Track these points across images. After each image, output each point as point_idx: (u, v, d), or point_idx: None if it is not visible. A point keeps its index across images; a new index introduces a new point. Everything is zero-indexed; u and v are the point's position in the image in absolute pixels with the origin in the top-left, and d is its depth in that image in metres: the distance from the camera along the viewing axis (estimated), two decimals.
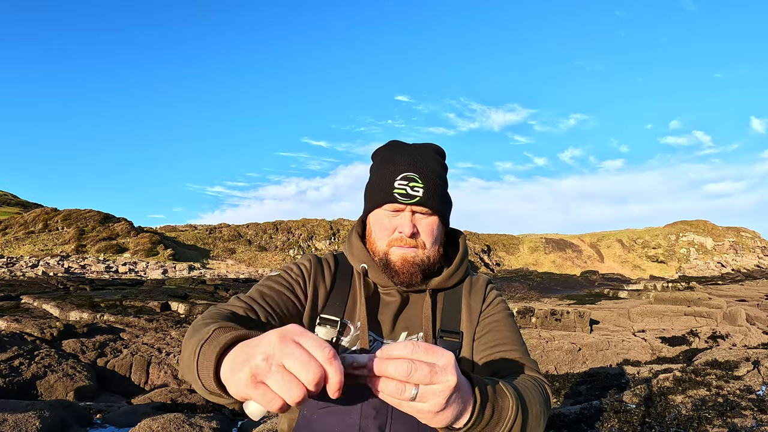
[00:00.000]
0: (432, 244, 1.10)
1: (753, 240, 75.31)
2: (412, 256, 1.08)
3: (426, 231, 1.09)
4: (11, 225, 45.73)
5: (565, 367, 8.92)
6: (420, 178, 1.06)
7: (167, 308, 14.33)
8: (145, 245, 42.79)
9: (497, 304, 1.18)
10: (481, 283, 1.21)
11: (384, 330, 1.12)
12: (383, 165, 1.11)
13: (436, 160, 1.12)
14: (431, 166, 1.09)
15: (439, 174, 1.10)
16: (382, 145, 1.16)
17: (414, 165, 1.07)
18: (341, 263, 1.21)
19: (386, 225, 1.10)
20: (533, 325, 11.91)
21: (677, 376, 3.92)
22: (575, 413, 3.49)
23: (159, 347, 9.87)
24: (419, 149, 1.12)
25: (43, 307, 13.41)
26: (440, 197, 1.09)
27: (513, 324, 1.16)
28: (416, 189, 1.05)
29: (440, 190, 1.09)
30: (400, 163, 1.08)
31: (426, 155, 1.11)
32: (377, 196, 1.09)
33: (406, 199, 1.05)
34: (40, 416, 3.85)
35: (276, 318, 1.06)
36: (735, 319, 11.92)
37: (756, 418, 2.96)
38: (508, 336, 1.11)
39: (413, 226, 1.07)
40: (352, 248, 1.19)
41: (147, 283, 23.80)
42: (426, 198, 1.06)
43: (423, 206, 1.06)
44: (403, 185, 1.05)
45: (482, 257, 59.58)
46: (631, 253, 70.45)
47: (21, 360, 7.74)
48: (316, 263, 1.19)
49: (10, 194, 77.34)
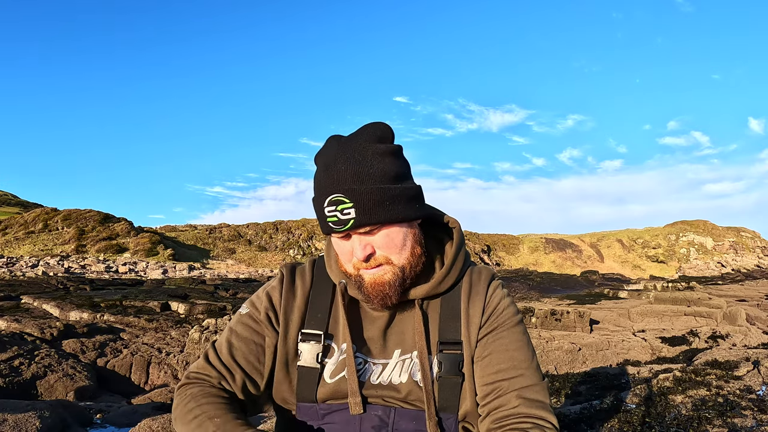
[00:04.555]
0: (400, 254, 0.96)
1: (753, 240, 75.35)
2: (381, 275, 0.96)
3: (383, 245, 0.95)
4: (11, 225, 45.75)
5: (565, 367, 8.93)
6: (347, 197, 0.90)
7: (167, 308, 14.33)
8: (145, 245, 42.80)
9: (501, 312, 1.03)
10: (483, 281, 1.06)
11: (374, 349, 1.03)
12: (315, 186, 0.96)
13: (372, 154, 0.93)
14: (362, 170, 0.91)
15: (375, 173, 0.92)
16: (322, 146, 0.99)
17: (339, 182, 0.91)
18: (319, 274, 1.10)
19: (344, 249, 0.98)
20: (533, 325, 11.91)
21: (677, 376, 3.93)
22: (575, 413, 3.49)
23: (159, 347, 9.87)
24: (347, 154, 0.92)
25: (43, 307, 13.41)
26: (383, 203, 0.92)
27: (520, 336, 1.02)
28: (346, 212, 0.91)
29: (380, 195, 0.91)
30: (326, 185, 0.93)
31: (355, 158, 0.92)
32: (321, 226, 0.97)
33: (340, 227, 0.92)
34: (40, 416, 3.85)
35: (253, 377, 1.02)
36: (735, 319, 11.93)
37: (756, 418, 2.96)
38: (512, 357, 0.98)
39: (365, 248, 0.94)
40: (330, 262, 1.08)
41: (147, 283, 23.81)
42: (361, 217, 0.91)
43: (361, 227, 0.92)
44: (332, 213, 0.92)
45: (482, 257, 59.60)
46: (631, 253, 70.48)
47: (21, 360, 7.74)
48: (289, 283, 1.08)
49: (10, 194, 77.37)
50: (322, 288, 1.08)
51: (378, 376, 1.01)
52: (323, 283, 1.09)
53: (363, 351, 1.03)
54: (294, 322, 1.05)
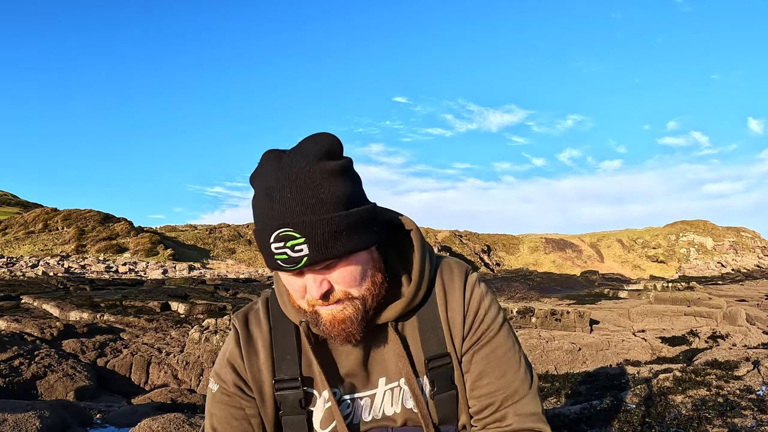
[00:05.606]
0: (360, 286, 0.86)
1: (753, 240, 75.35)
2: (340, 310, 0.85)
3: (342, 280, 0.84)
4: (11, 225, 45.75)
5: (565, 367, 8.93)
6: (298, 231, 0.77)
7: (167, 308, 14.33)
8: (145, 245, 42.80)
9: (483, 317, 0.95)
10: (456, 280, 0.97)
11: (358, 384, 0.96)
12: (255, 215, 0.83)
13: (322, 175, 0.79)
14: (312, 197, 0.78)
15: (328, 200, 0.78)
16: (256, 167, 0.85)
17: (286, 214, 0.78)
18: (277, 314, 0.99)
19: (296, 285, 0.86)
20: (533, 325, 11.92)
21: (677, 376, 3.93)
22: (575, 413, 3.49)
23: (159, 347, 9.87)
24: (292, 177, 0.78)
25: (43, 307, 13.41)
26: (339, 234, 0.79)
27: (505, 340, 0.95)
28: (298, 248, 0.78)
29: (335, 225, 0.78)
30: (270, 217, 0.79)
31: (302, 182, 0.78)
32: (265, 260, 0.84)
33: (291, 265, 0.80)
34: (40, 416, 3.85)
35: None
36: (735, 319, 11.93)
37: (756, 418, 2.96)
38: (502, 371, 0.93)
39: (320, 285, 0.83)
40: (283, 299, 0.96)
41: (147, 283, 23.81)
42: (315, 253, 0.78)
43: (316, 264, 0.80)
44: (281, 250, 0.79)
45: (482, 257, 59.62)
46: (631, 253, 70.48)
47: (21, 360, 7.74)
48: (245, 338, 0.98)
49: (10, 194, 77.37)
50: (283, 328, 0.97)
51: (370, 412, 0.96)
52: (284, 323, 0.98)
53: (347, 389, 0.96)
54: (266, 380, 0.96)
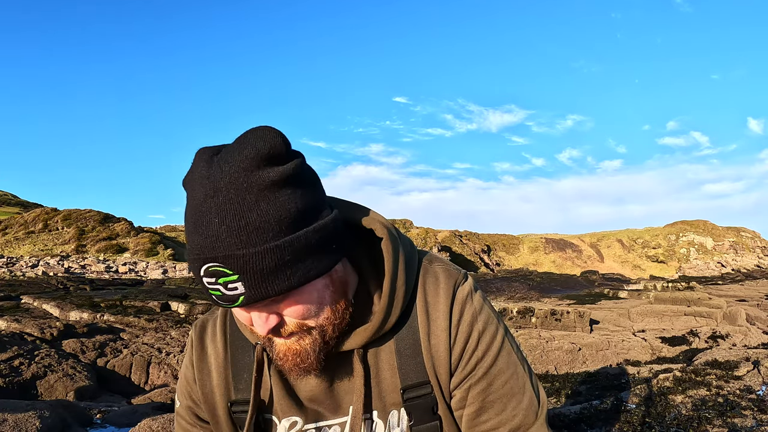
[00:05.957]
0: (317, 316, 0.72)
1: (753, 240, 75.33)
2: (295, 341, 0.73)
3: (293, 314, 0.70)
4: (11, 225, 45.76)
5: (565, 367, 8.93)
6: (229, 267, 0.62)
7: (167, 308, 14.33)
8: (145, 245, 42.80)
9: (477, 342, 0.79)
10: (442, 296, 0.80)
11: (325, 410, 0.82)
12: (187, 235, 0.67)
13: (258, 190, 0.62)
14: (243, 223, 0.62)
15: (265, 225, 0.62)
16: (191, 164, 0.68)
17: (214, 246, 0.62)
18: (233, 330, 0.86)
19: (242, 316, 0.73)
20: (533, 325, 11.92)
21: (677, 376, 3.93)
22: (575, 413, 3.49)
23: (159, 347, 9.87)
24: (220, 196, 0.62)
25: (43, 307, 13.41)
26: (281, 269, 0.64)
27: (506, 363, 0.81)
28: (231, 287, 0.64)
29: (275, 258, 0.63)
30: (197, 246, 0.64)
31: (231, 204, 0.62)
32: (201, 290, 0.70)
33: (227, 303, 0.65)
34: (40, 416, 3.85)
35: None
36: (735, 319, 11.93)
37: (756, 418, 2.96)
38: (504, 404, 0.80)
39: (266, 321, 0.69)
40: (237, 319, 0.81)
41: (147, 283, 23.81)
42: (252, 292, 0.64)
43: (256, 302, 0.66)
44: (213, 287, 0.65)
45: (482, 257, 59.62)
46: (631, 253, 70.49)
47: (21, 360, 7.74)
48: (199, 352, 0.87)
49: (10, 194, 77.40)
50: (241, 344, 0.85)
51: None
52: (242, 338, 0.85)
53: (310, 417, 0.83)
54: (218, 403, 0.85)
